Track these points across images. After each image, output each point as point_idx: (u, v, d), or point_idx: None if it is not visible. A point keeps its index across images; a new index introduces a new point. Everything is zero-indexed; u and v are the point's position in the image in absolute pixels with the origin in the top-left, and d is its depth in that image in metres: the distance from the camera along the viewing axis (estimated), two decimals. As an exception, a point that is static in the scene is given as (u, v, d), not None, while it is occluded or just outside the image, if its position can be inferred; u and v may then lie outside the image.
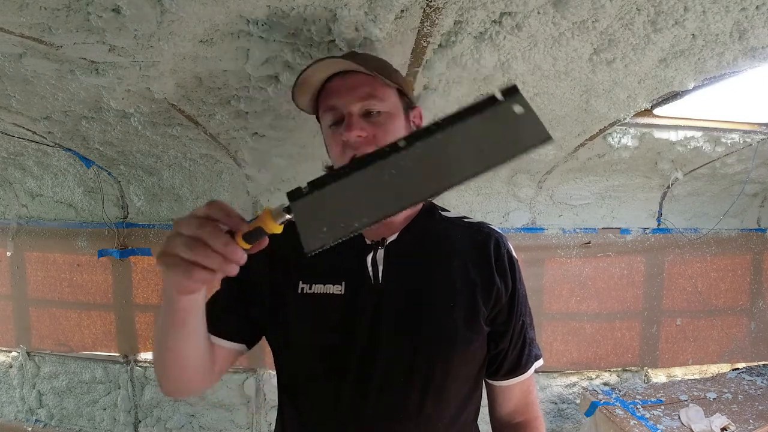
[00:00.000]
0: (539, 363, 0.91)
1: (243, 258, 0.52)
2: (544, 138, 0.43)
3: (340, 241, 0.45)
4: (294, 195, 0.46)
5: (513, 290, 0.86)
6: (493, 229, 0.91)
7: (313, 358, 0.81)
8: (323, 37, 1.02)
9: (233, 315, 0.83)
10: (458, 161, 0.42)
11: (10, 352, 2.69)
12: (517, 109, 0.43)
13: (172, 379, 0.73)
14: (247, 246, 0.52)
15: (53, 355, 2.61)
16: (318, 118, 0.91)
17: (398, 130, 0.81)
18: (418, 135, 0.44)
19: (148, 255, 2.44)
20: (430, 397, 0.78)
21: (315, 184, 0.45)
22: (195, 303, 0.62)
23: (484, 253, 0.85)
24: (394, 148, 0.44)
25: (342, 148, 0.79)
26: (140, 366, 2.55)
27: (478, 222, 0.92)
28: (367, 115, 0.79)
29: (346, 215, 0.43)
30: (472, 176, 0.42)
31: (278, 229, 0.50)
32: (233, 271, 0.52)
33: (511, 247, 0.90)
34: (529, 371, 0.89)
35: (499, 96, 0.43)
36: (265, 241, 0.54)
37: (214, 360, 0.78)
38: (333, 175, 0.46)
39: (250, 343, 0.85)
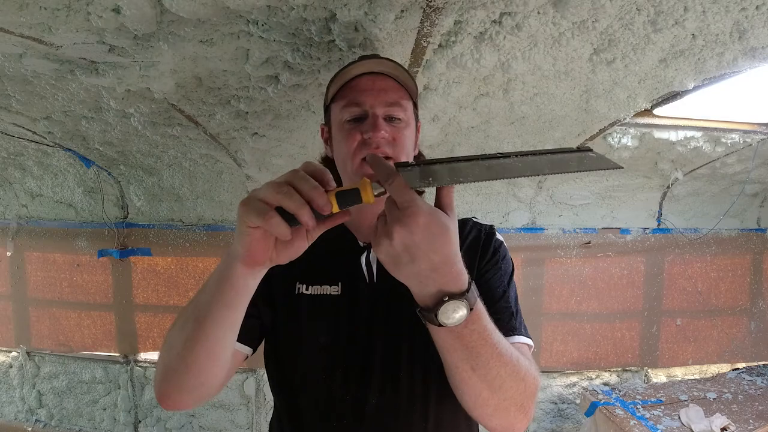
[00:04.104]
0: (524, 339, 0.82)
1: (328, 208, 0.51)
2: (615, 167, 0.58)
3: (434, 186, 0.53)
4: (402, 165, 0.54)
5: (496, 268, 0.86)
6: (477, 222, 0.94)
7: (314, 358, 0.82)
8: (323, 37, 1.02)
9: (247, 317, 0.82)
10: (541, 167, 0.56)
11: (10, 352, 2.69)
12: (592, 154, 0.59)
13: (195, 376, 0.65)
14: (337, 208, 0.52)
15: (53, 355, 2.61)
16: (328, 108, 0.90)
17: (411, 136, 0.85)
18: (519, 153, 0.57)
19: (148, 255, 2.44)
20: (433, 389, 0.79)
21: (422, 162, 0.54)
22: (251, 284, 0.60)
23: (471, 245, 0.88)
24: (494, 155, 0.56)
25: (359, 144, 0.80)
26: (140, 366, 2.55)
27: (463, 219, 0.94)
28: (388, 118, 0.82)
29: (447, 177, 0.53)
30: (546, 173, 0.57)
31: (372, 200, 0.54)
32: (311, 222, 0.51)
33: (497, 233, 0.92)
34: (511, 338, 0.81)
35: (575, 148, 0.60)
36: (349, 214, 0.55)
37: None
38: (438, 159, 0.55)
39: (255, 348, 0.85)
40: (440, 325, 0.57)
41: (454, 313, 0.55)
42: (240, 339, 0.77)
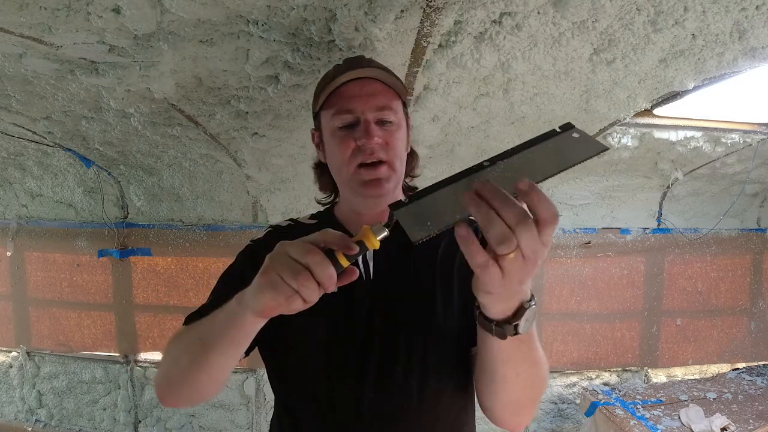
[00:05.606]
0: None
1: (333, 288, 0.55)
2: (601, 149, 0.56)
3: (442, 231, 0.53)
4: (396, 205, 0.55)
5: None
6: (471, 219, 0.93)
7: (312, 356, 0.82)
8: (323, 37, 1.02)
9: None
10: (531, 171, 0.55)
11: (10, 352, 2.69)
12: (575, 134, 0.57)
13: (195, 390, 0.73)
14: (347, 263, 0.56)
15: (53, 355, 2.61)
16: (317, 115, 0.90)
17: (403, 138, 0.86)
18: (500, 156, 0.55)
19: (148, 255, 2.45)
20: (430, 387, 0.80)
21: (413, 198, 0.55)
22: (259, 325, 0.64)
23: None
24: (479, 166, 0.55)
25: (354, 151, 0.81)
26: (140, 366, 2.55)
27: None
28: (379, 122, 0.83)
29: (443, 214, 0.53)
30: (542, 180, 0.55)
31: (377, 245, 0.56)
32: (313, 301, 0.55)
33: None
34: None
35: (558, 129, 0.57)
36: (356, 274, 0.57)
37: None
38: (428, 188, 0.55)
39: (249, 352, 0.86)
40: (515, 334, 0.57)
41: (533, 318, 0.57)
42: None
